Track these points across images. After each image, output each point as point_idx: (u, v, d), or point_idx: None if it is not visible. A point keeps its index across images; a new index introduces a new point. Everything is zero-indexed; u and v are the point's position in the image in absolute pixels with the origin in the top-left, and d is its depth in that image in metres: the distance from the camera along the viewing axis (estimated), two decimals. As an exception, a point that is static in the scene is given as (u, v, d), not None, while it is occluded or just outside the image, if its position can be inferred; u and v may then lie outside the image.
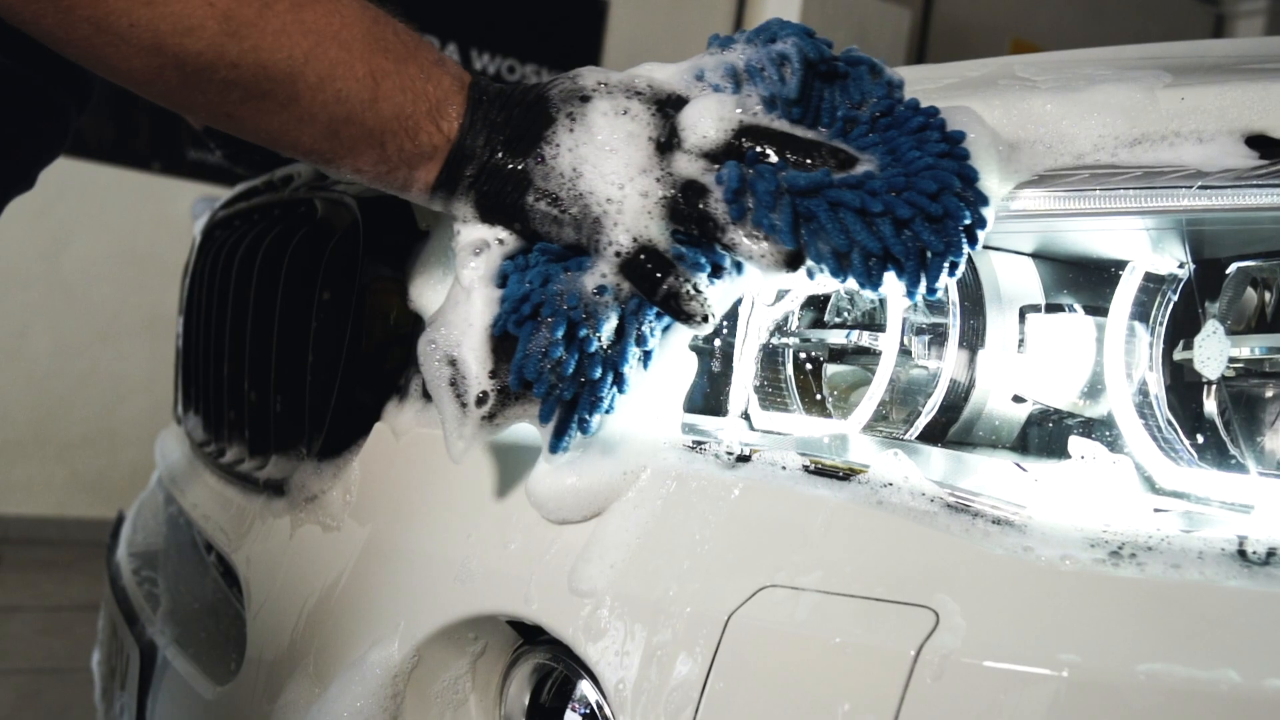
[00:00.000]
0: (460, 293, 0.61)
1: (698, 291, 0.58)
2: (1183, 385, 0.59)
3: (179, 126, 3.66)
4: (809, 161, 0.58)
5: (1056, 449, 0.64)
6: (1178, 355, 0.60)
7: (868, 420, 0.66)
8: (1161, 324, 0.60)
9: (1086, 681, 0.46)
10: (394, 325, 0.78)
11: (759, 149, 0.58)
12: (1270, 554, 0.49)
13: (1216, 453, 0.58)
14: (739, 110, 0.59)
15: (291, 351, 0.88)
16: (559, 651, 0.63)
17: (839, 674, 0.51)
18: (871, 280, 0.56)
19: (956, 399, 0.64)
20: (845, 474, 0.58)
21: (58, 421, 3.67)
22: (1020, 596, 0.50)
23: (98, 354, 3.70)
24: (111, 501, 3.10)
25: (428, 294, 0.74)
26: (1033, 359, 0.64)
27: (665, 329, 0.61)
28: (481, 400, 0.60)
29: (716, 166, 0.58)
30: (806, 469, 0.59)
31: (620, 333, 0.59)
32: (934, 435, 0.65)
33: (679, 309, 0.58)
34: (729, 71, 0.61)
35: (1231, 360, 0.59)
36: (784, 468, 0.59)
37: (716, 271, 0.59)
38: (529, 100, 0.61)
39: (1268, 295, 0.59)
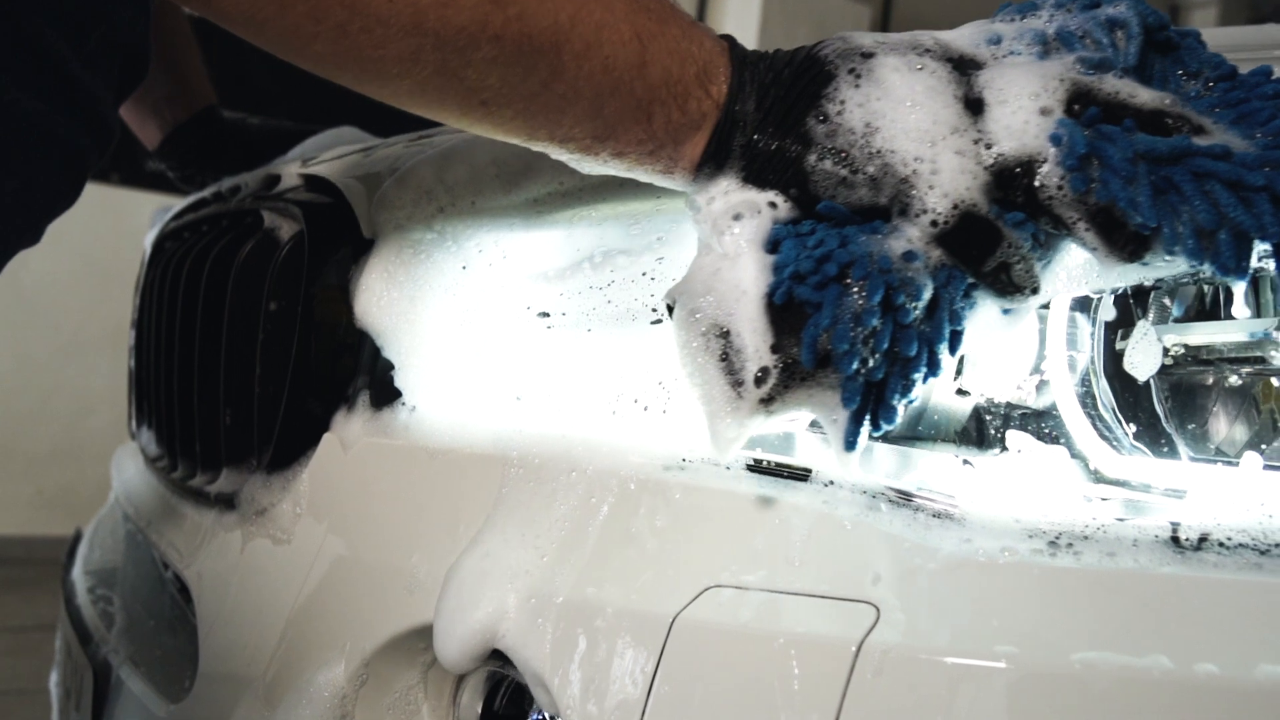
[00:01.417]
0: (719, 260, 0.54)
1: (1026, 262, 0.52)
2: (1125, 374, 0.60)
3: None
4: (1162, 127, 0.51)
5: (1001, 441, 0.64)
6: (1119, 344, 0.60)
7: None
8: (1102, 314, 0.60)
9: (1022, 672, 0.47)
10: (342, 335, 0.77)
11: (1101, 112, 0.51)
12: (1202, 540, 0.49)
13: (1156, 440, 0.59)
14: (1074, 68, 0.53)
15: (240, 363, 0.87)
16: (510, 659, 0.63)
17: (782, 672, 0.51)
18: (1239, 267, 0.49)
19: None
20: (789, 473, 0.58)
21: (23, 438, 3.61)
22: (960, 589, 0.50)
23: (61, 368, 3.65)
24: (79, 518, 3.06)
25: (374, 309, 0.73)
26: (976, 351, 0.65)
27: (970, 307, 0.54)
28: (761, 379, 0.52)
29: (1045, 130, 0.51)
30: (750, 468, 0.59)
31: (933, 307, 0.52)
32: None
33: (1007, 282, 0.52)
34: (1036, 38, 0.56)
35: (1168, 349, 0.59)
36: (727, 468, 0.59)
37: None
38: (798, 60, 0.56)
39: (1205, 285, 0.60)
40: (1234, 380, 0.59)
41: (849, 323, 0.50)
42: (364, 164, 0.84)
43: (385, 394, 0.74)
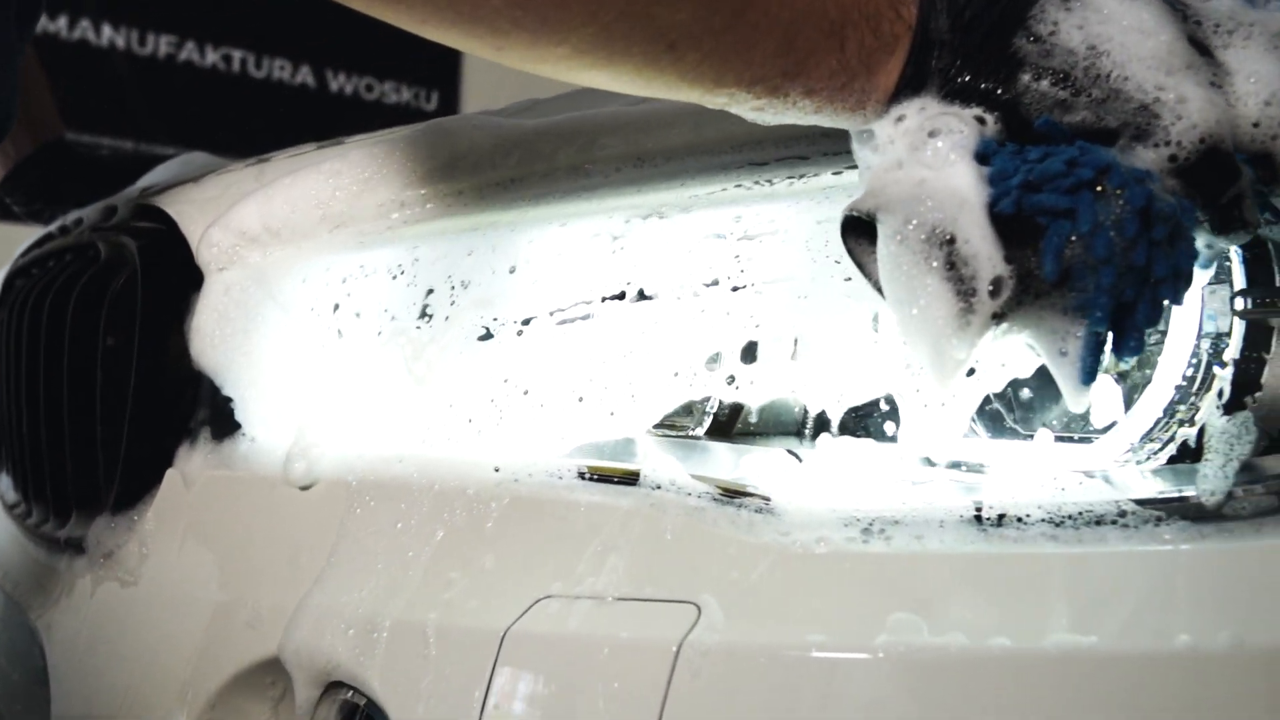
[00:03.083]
0: (919, 171, 0.50)
1: (1251, 198, 0.50)
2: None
3: None
4: None
5: (835, 430, 0.66)
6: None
7: (657, 421, 0.67)
8: None
9: (831, 660, 0.48)
10: (181, 368, 0.76)
11: None
12: (1001, 517, 0.51)
13: (980, 422, 0.61)
14: None
15: (82, 402, 0.84)
16: (359, 685, 0.62)
17: (608, 678, 0.51)
18: None
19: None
20: (620, 478, 0.59)
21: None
22: (778, 582, 0.51)
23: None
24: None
25: (208, 349, 0.72)
26: (811, 340, 0.66)
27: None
28: (995, 290, 0.47)
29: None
30: (582, 476, 0.59)
31: (1174, 234, 0.48)
32: (723, 430, 0.66)
33: (1237, 218, 0.50)
34: None
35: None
36: (559, 477, 0.60)
37: None
38: None
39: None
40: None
41: (1109, 229, 0.46)
42: (199, 192, 0.82)
43: (226, 426, 0.73)
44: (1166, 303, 0.49)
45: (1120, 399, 0.56)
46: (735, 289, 0.61)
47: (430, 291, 0.66)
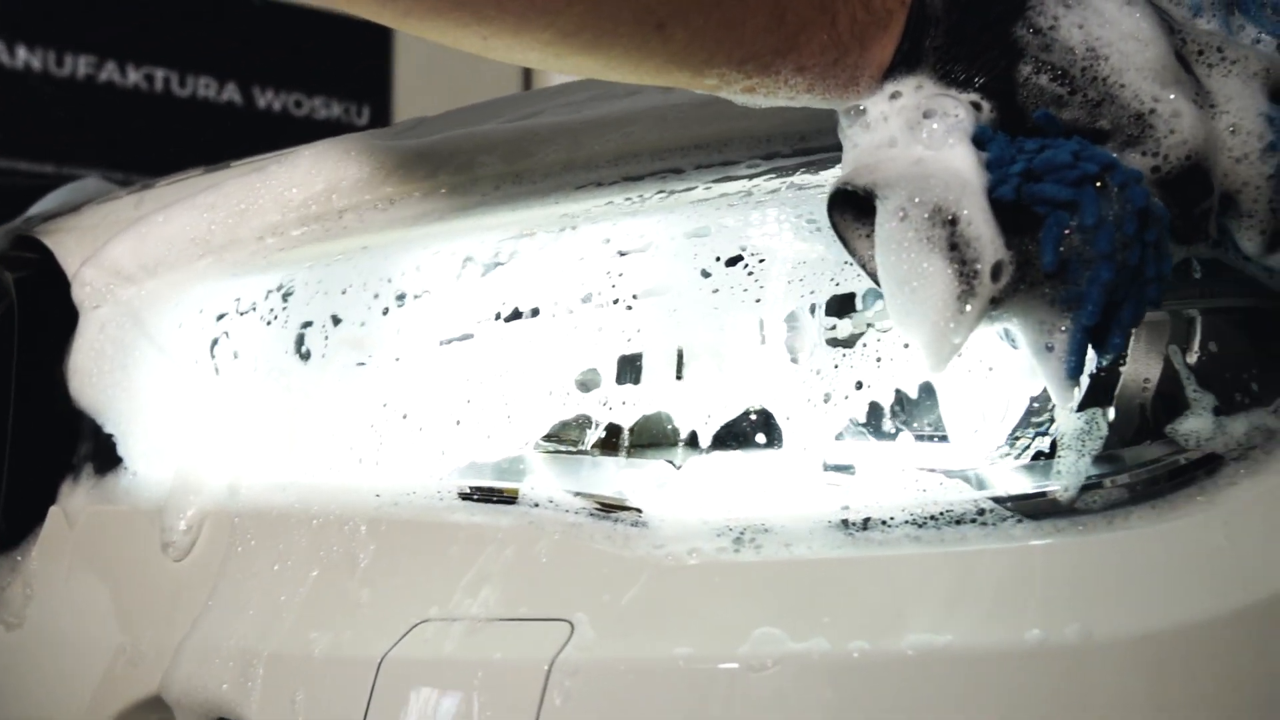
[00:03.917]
0: (916, 151, 0.49)
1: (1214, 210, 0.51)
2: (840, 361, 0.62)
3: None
4: None
5: (710, 441, 0.66)
6: (830, 333, 0.63)
7: (542, 437, 0.67)
8: (821, 305, 0.63)
9: (697, 671, 0.48)
10: (61, 402, 0.74)
11: None
12: (866, 521, 0.52)
13: (865, 424, 0.62)
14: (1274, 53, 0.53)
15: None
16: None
17: (482, 701, 0.51)
18: None
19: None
20: (498, 497, 0.59)
21: None
22: (650, 595, 0.52)
23: None
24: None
25: (87, 388, 0.71)
26: (697, 349, 0.67)
27: None
28: (997, 272, 0.46)
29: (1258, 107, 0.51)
30: (463, 496, 0.59)
31: (1160, 239, 0.48)
32: (612, 444, 0.67)
33: (1203, 230, 0.51)
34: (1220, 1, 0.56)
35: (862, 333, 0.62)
36: (440, 498, 0.60)
37: None
38: None
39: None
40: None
41: (1112, 225, 0.46)
42: (78, 221, 0.81)
43: (108, 460, 0.71)
44: (1151, 301, 0.48)
45: (988, 399, 0.57)
46: (609, 304, 0.61)
47: (307, 322, 0.65)
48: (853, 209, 0.51)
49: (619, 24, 0.49)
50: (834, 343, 0.59)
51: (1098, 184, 0.47)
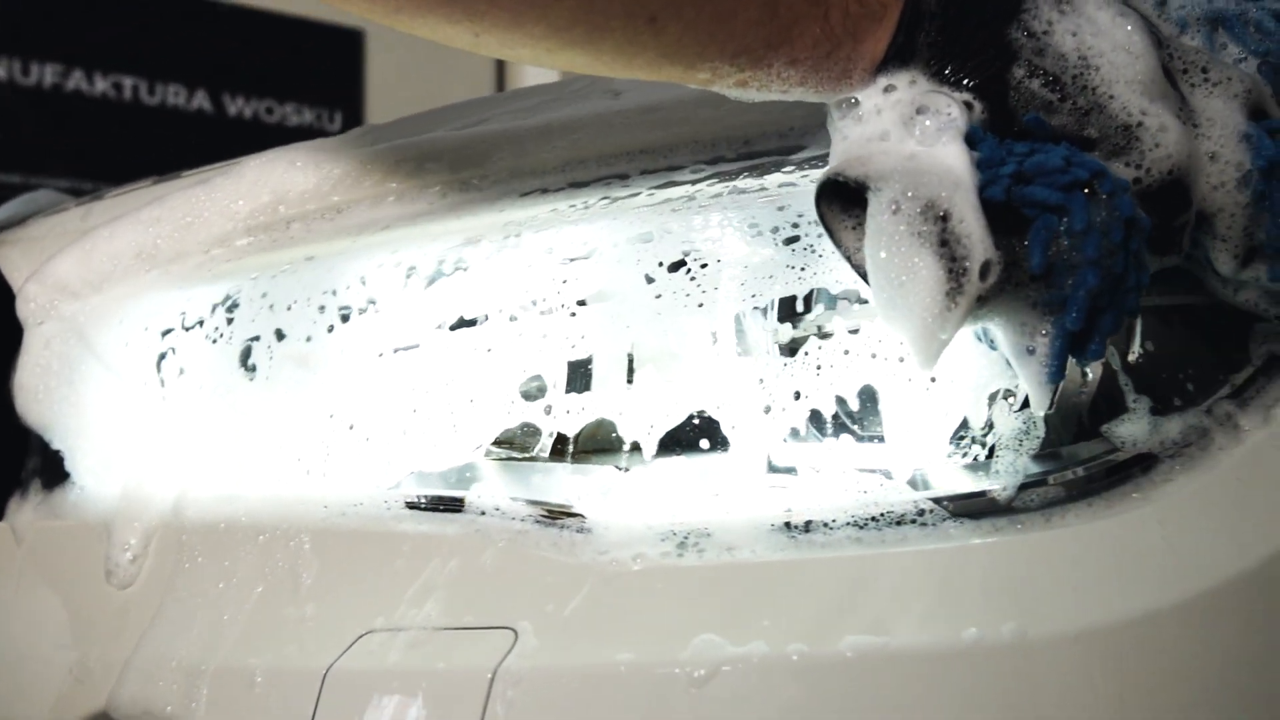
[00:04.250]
0: (909, 146, 0.49)
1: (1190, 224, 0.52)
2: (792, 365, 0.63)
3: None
4: None
5: (665, 445, 0.66)
6: (784, 335, 0.63)
7: (492, 443, 0.67)
8: (764, 309, 0.63)
9: (638, 677, 0.48)
10: (6, 420, 0.73)
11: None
12: (808, 524, 0.52)
13: (810, 427, 0.62)
14: (1255, 74, 0.54)
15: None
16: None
17: (427, 710, 0.51)
18: None
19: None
20: (445, 506, 0.59)
21: None
22: (593, 602, 0.52)
23: None
24: None
25: (33, 405, 0.70)
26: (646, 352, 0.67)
27: None
28: (985, 271, 0.46)
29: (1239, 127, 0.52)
30: (410, 505, 0.59)
31: (1141, 249, 0.49)
32: (561, 450, 0.66)
33: (1176, 243, 0.51)
34: (1207, 15, 0.56)
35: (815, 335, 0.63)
36: (388, 507, 0.59)
37: None
38: None
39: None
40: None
41: (1099, 231, 0.46)
42: (24, 233, 0.80)
43: (56, 475, 0.71)
44: (1130, 310, 0.49)
45: (929, 400, 0.57)
46: (555, 311, 0.61)
47: (254, 336, 0.65)
48: (840, 200, 0.51)
49: (610, 18, 0.49)
50: (779, 346, 0.59)
51: (1087, 190, 0.47)
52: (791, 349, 0.59)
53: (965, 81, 0.51)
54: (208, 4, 3.53)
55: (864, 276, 0.50)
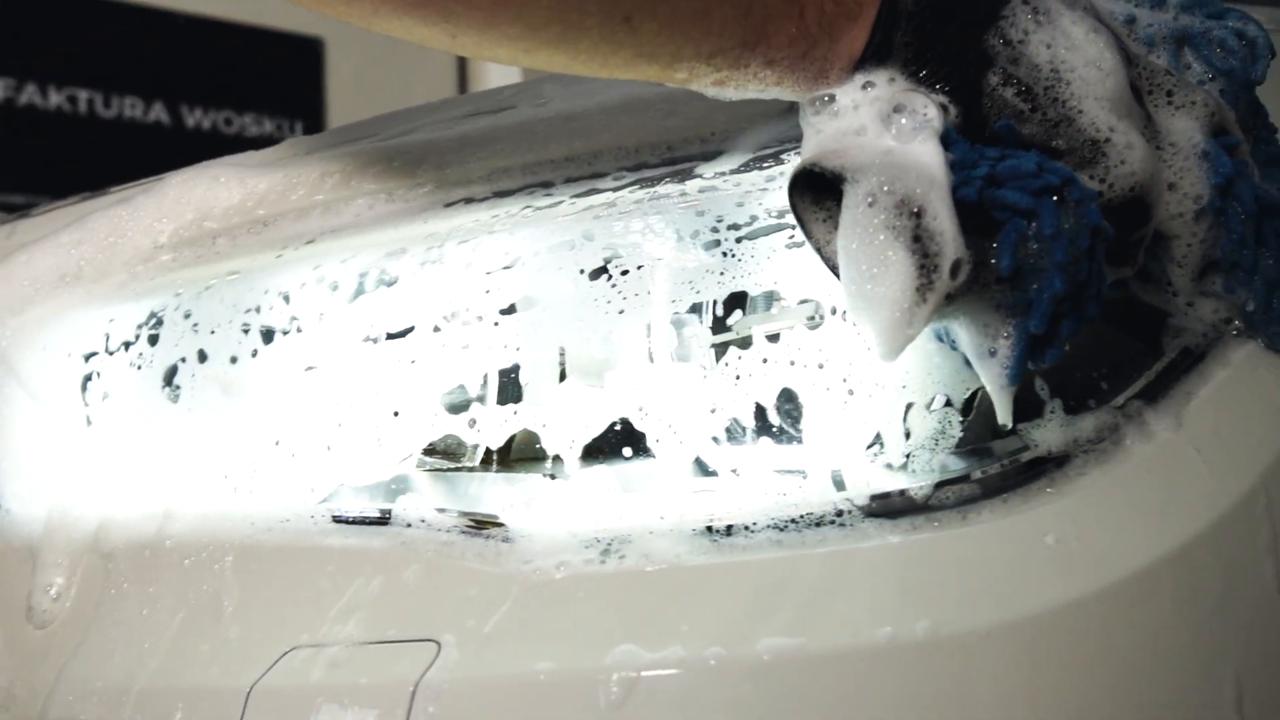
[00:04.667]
0: (885, 142, 0.50)
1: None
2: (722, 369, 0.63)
3: None
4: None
5: (591, 452, 0.67)
6: (719, 339, 0.63)
7: (422, 453, 0.67)
8: (686, 313, 0.63)
9: (558, 686, 0.48)
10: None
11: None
12: (729, 527, 0.53)
13: (733, 430, 0.62)
14: (1215, 94, 0.55)
15: None
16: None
17: (349, 726, 0.51)
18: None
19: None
20: (374, 519, 0.58)
21: None
22: (516, 612, 0.52)
23: None
24: None
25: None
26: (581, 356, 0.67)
27: None
28: (955, 270, 0.47)
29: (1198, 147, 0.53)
30: (336, 519, 0.59)
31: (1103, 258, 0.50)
32: (489, 460, 0.66)
33: (1132, 256, 0.53)
34: (1173, 33, 0.57)
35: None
36: (314, 521, 0.59)
37: None
38: None
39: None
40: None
41: (1067, 237, 0.47)
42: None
43: (-17, 498, 0.70)
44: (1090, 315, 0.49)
45: (849, 401, 0.58)
46: (478, 321, 0.61)
47: (181, 359, 0.64)
48: (813, 193, 0.52)
49: (586, 16, 0.49)
50: (701, 350, 0.59)
51: (1057, 197, 0.48)
52: (715, 353, 0.60)
53: (940, 84, 0.52)
54: (164, 14, 3.49)
55: (834, 269, 0.51)
